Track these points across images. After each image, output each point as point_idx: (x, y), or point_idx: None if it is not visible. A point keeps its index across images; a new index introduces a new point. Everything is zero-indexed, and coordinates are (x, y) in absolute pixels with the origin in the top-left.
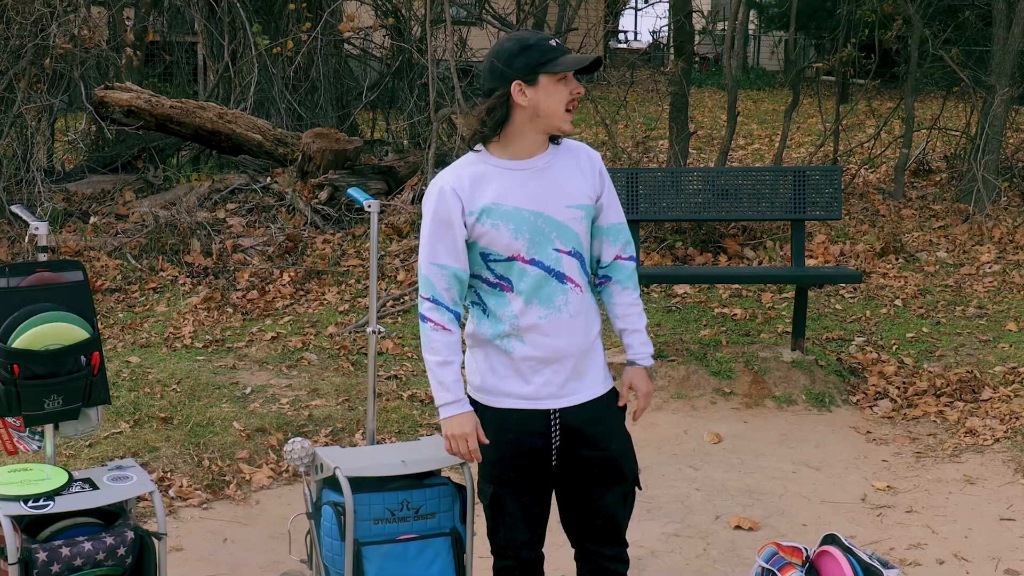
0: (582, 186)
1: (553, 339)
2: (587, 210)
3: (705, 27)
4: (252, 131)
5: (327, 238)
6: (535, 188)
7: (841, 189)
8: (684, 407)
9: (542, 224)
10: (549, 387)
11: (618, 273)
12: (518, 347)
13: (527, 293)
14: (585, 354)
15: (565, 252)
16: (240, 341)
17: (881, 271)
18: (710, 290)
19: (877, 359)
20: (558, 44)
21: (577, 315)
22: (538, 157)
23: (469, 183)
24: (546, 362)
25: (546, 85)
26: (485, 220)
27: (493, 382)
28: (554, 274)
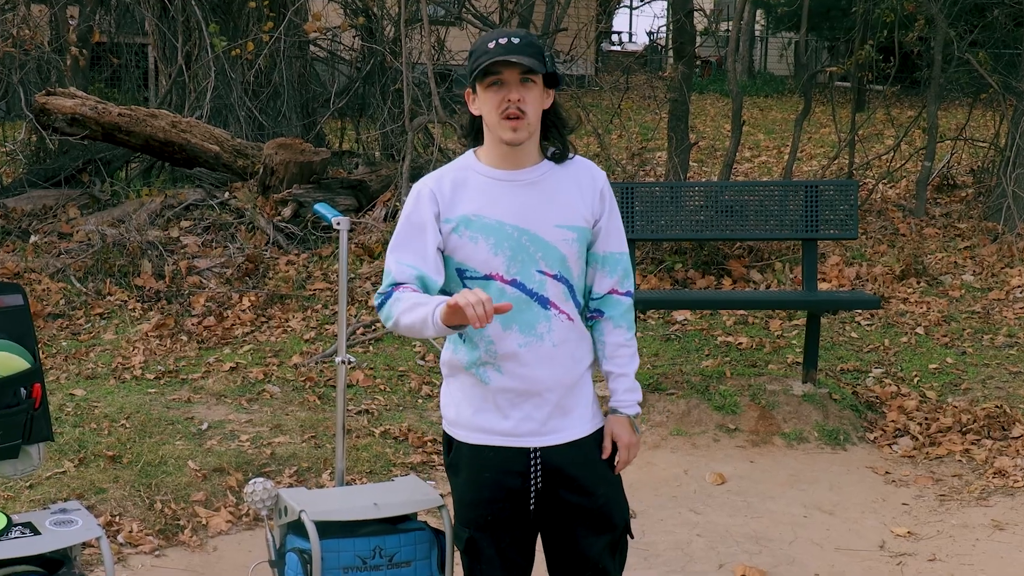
0: (577, 206)
1: (533, 370)
2: (580, 233)
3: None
4: (208, 141)
5: (291, 259)
6: (522, 202)
7: (857, 206)
8: (684, 445)
9: (526, 242)
10: (529, 423)
11: (611, 308)
12: (495, 377)
13: (504, 317)
14: (571, 389)
15: (550, 275)
16: (195, 372)
17: (901, 296)
18: (713, 317)
19: (897, 392)
20: (499, 46)
21: (561, 345)
22: (529, 169)
23: (451, 188)
24: (525, 395)
25: (480, 93)
26: (463, 231)
27: (468, 415)
28: (537, 298)
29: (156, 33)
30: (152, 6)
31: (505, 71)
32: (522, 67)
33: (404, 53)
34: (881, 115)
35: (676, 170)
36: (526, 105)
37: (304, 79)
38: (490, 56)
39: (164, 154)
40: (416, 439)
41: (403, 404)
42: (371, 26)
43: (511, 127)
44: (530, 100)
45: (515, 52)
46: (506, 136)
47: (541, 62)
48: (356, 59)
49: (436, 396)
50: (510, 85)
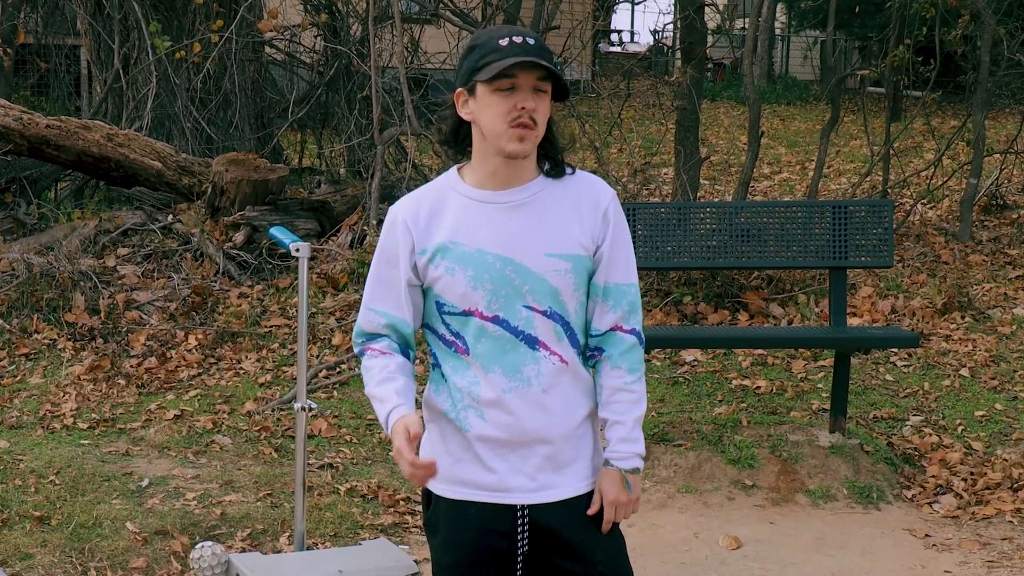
0: (573, 231)
1: (520, 418)
2: (576, 262)
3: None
4: (149, 157)
5: (244, 292)
6: (508, 228)
7: (892, 229)
8: (694, 504)
9: (511, 273)
10: (517, 477)
11: (613, 347)
12: (476, 424)
13: (485, 358)
14: (566, 440)
15: (539, 311)
16: (135, 421)
17: (943, 332)
18: (727, 357)
19: (938, 443)
20: (512, 44)
21: (552, 390)
22: (518, 189)
23: (427, 214)
24: (510, 446)
25: (482, 96)
26: (439, 262)
27: (447, 466)
28: (523, 337)
29: (89, 33)
30: (85, 2)
31: (521, 74)
32: (541, 72)
33: (373, 55)
34: (920, 125)
35: (685, 189)
36: (538, 115)
37: (259, 85)
38: (503, 55)
39: (99, 172)
40: (387, 497)
41: (372, 457)
42: (335, 24)
43: (519, 136)
44: (542, 110)
45: (533, 54)
46: (511, 147)
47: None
48: (318, 62)
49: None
50: (524, 91)
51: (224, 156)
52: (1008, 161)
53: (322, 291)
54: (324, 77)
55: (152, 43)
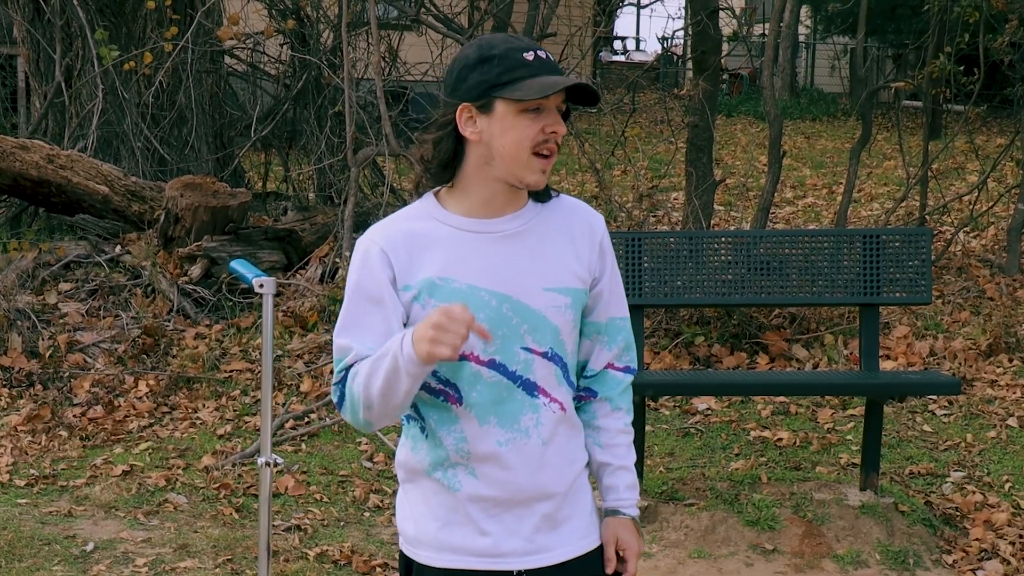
0: (571, 263)
1: (517, 475)
2: (575, 296)
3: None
4: (95, 180)
5: (201, 332)
6: (501, 260)
7: (931, 261)
8: (708, 570)
9: (508, 311)
10: (513, 539)
11: (607, 388)
12: (467, 482)
13: (481, 408)
14: (564, 497)
15: (539, 353)
16: (78, 477)
17: (988, 378)
18: (744, 405)
19: (982, 503)
20: (538, 59)
21: (552, 442)
22: (510, 217)
23: (407, 246)
24: (506, 506)
25: (503, 116)
26: (426, 300)
27: (433, 531)
28: (521, 383)
29: (27, 41)
30: (22, 7)
31: (552, 95)
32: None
33: (346, 66)
34: (962, 144)
35: (697, 216)
36: (559, 140)
37: (217, 100)
38: (533, 72)
39: (38, 197)
40: (362, 563)
41: (345, 518)
42: (304, 31)
43: (542, 168)
44: (561, 135)
45: (556, 71)
46: (531, 178)
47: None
48: (284, 74)
49: (387, 508)
50: (551, 113)
51: (179, 180)
52: None
53: (289, 331)
54: (291, 90)
55: (98, 53)
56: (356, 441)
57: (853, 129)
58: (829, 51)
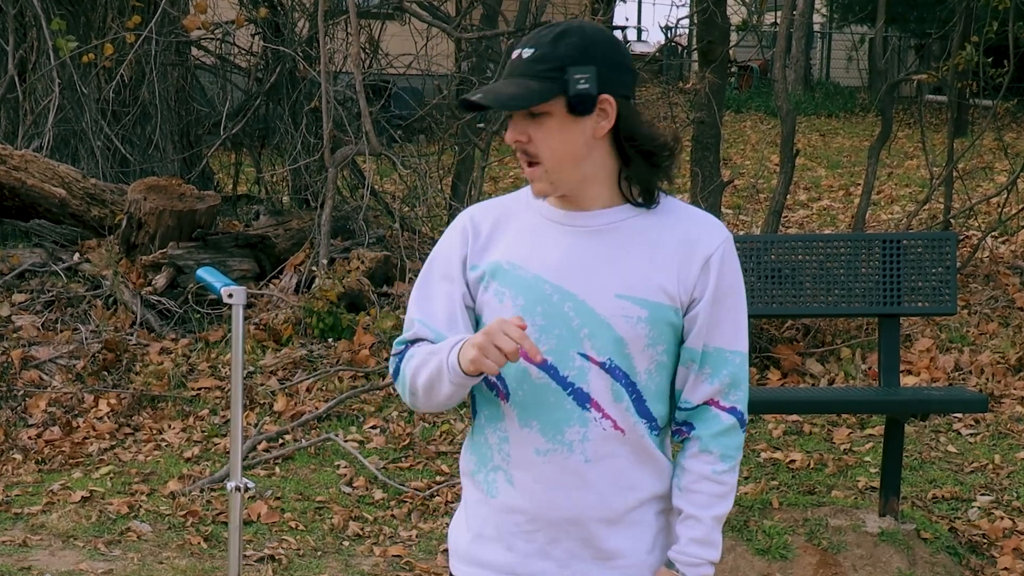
0: (656, 274)
1: (549, 490)
2: (655, 311)
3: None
4: (51, 183)
5: (166, 346)
6: (575, 256)
7: (956, 268)
8: None
9: (569, 310)
10: (543, 562)
11: (704, 426)
12: (503, 490)
13: (522, 408)
14: (609, 525)
15: (596, 362)
16: (34, 504)
17: (1018, 394)
18: (754, 424)
19: (1012, 529)
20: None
21: (600, 462)
22: (600, 212)
23: (491, 226)
24: (538, 523)
25: None
26: (489, 283)
27: (465, 542)
28: (572, 391)
29: None
30: None
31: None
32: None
33: (323, 58)
34: (990, 141)
35: None
36: (533, 146)
37: (184, 95)
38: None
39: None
40: None
41: (323, 548)
42: (277, 20)
43: (528, 176)
44: (539, 139)
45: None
46: (533, 186)
47: (548, 84)
48: (256, 67)
49: (368, 536)
50: (515, 119)
51: (142, 182)
52: None
53: (261, 345)
54: (264, 85)
55: (54, 44)
56: (334, 464)
57: (872, 126)
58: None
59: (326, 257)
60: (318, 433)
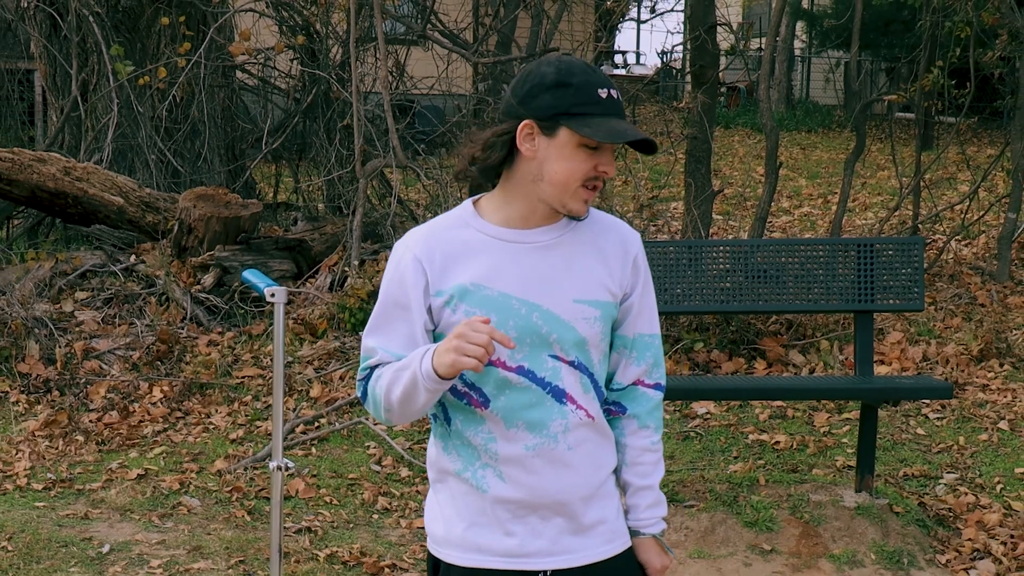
0: (602, 276)
1: (541, 479)
2: (605, 309)
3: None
4: (110, 192)
5: (213, 339)
6: (534, 271)
7: (924, 269)
8: (708, 570)
9: (537, 320)
10: (537, 540)
11: (636, 404)
12: (495, 485)
13: (508, 412)
14: (589, 501)
15: (566, 362)
16: (94, 481)
17: (980, 382)
18: (742, 409)
19: (975, 504)
20: (610, 98)
21: (579, 448)
22: (544, 229)
23: (442, 253)
24: (531, 508)
25: (564, 144)
26: (458, 306)
27: (460, 532)
28: (550, 390)
29: (44, 57)
30: (39, 23)
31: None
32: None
33: (354, 80)
34: (954, 154)
35: (696, 225)
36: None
37: (229, 113)
38: (606, 112)
39: (55, 208)
40: (371, 565)
41: (354, 520)
42: (313, 47)
43: (586, 198)
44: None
45: (620, 114)
46: (575, 206)
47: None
48: (294, 88)
49: (395, 510)
50: (607, 154)
51: (192, 191)
52: None
53: (299, 338)
54: (301, 104)
55: (113, 68)
56: (365, 445)
57: (847, 140)
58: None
59: (357, 259)
60: (350, 417)
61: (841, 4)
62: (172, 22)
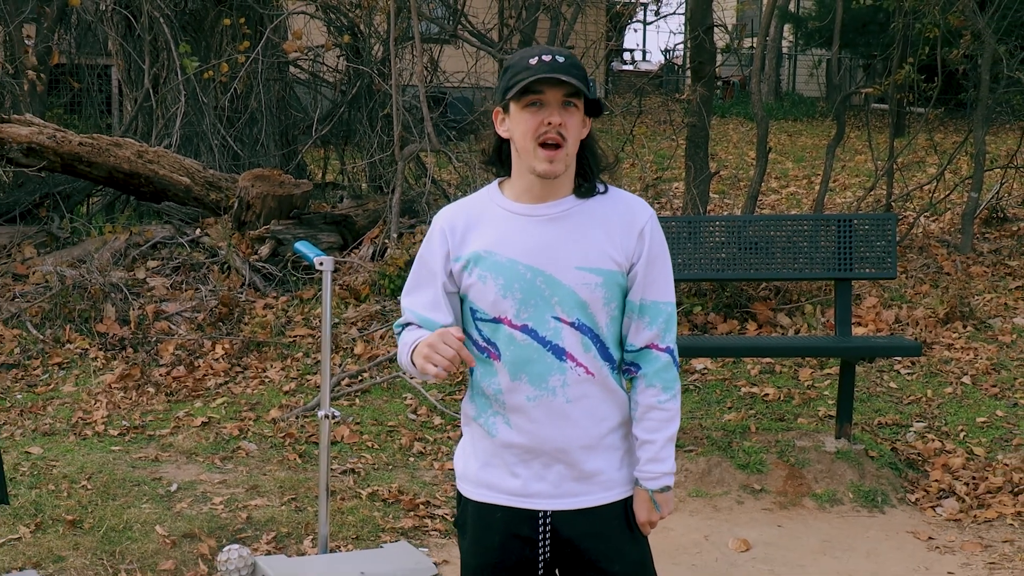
0: (604, 246)
1: (541, 427)
2: (607, 276)
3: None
4: (178, 173)
5: (269, 303)
6: (540, 240)
7: (896, 241)
8: (704, 508)
9: (541, 284)
10: (540, 483)
11: (647, 365)
12: (502, 430)
13: (512, 365)
14: (589, 451)
15: (567, 322)
16: (164, 428)
17: (945, 341)
18: (736, 365)
19: (941, 449)
20: (542, 63)
21: (578, 401)
22: (553, 203)
23: (464, 224)
24: (534, 453)
25: (515, 113)
26: (472, 270)
27: (475, 470)
28: (550, 347)
29: (120, 54)
30: (116, 24)
31: (548, 91)
32: (568, 88)
33: (394, 74)
34: (923, 141)
35: (695, 202)
36: (567, 131)
37: (283, 104)
38: (532, 73)
39: (129, 187)
40: (408, 502)
41: (393, 463)
42: (357, 45)
43: (547, 158)
44: (571, 126)
45: (561, 71)
46: (540, 167)
47: (585, 85)
48: (341, 81)
49: (429, 454)
50: (551, 107)
51: (250, 172)
52: (1008, 175)
53: (344, 302)
54: (347, 96)
55: (181, 63)
56: (402, 396)
57: (829, 128)
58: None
59: (396, 232)
60: (389, 372)
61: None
62: (233, 23)
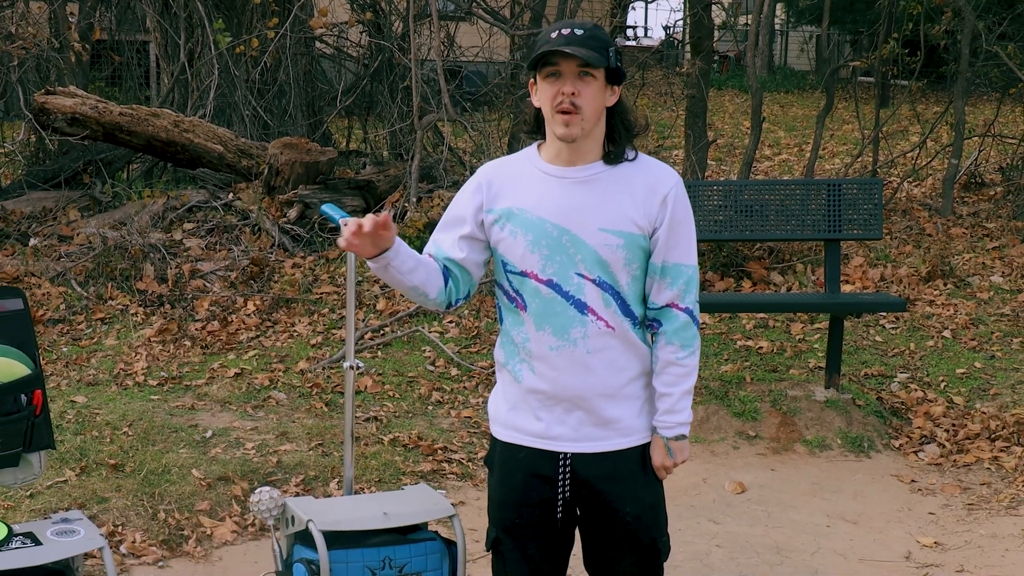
0: (627, 210)
1: (562, 375)
2: (628, 239)
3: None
4: (212, 141)
5: (297, 262)
6: (568, 201)
7: (882, 205)
8: (703, 452)
9: (566, 242)
10: (561, 427)
11: (667, 322)
12: (527, 376)
13: (537, 316)
14: (608, 399)
15: (589, 279)
16: (199, 378)
17: (927, 298)
18: (732, 320)
19: (923, 398)
20: (562, 36)
21: (598, 353)
22: (583, 167)
23: (502, 180)
24: (556, 399)
25: (539, 83)
26: (504, 224)
27: (504, 412)
28: (573, 302)
29: (158, 30)
30: (154, 2)
31: (563, 62)
32: (578, 60)
33: (413, 49)
34: (906, 111)
35: (694, 169)
36: (581, 99)
37: (310, 77)
38: (549, 45)
39: (166, 154)
40: (426, 447)
41: (413, 411)
42: (379, 22)
43: (563, 122)
44: (587, 95)
45: (575, 44)
46: (559, 131)
47: (603, 56)
48: (363, 56)
49: (446, 403)
50: (566, 77)
51: (279, 140)
52: (986, 143)
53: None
54: (369, 69)
55: (214, 39)
56: (421, 349)
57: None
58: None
59: (415, 196)
60: (409, 326)
61: None
62: (263, 1)
